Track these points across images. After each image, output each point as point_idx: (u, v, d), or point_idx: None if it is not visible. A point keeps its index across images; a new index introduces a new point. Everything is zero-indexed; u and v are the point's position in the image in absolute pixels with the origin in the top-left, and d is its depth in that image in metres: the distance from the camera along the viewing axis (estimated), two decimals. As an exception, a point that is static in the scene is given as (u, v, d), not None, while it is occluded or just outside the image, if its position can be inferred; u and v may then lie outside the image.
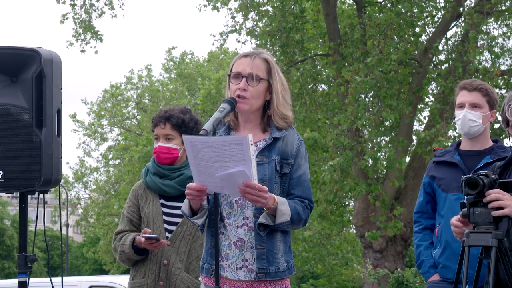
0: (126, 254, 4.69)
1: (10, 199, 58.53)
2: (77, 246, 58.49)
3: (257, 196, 3.56)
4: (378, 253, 18.87)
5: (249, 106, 3.77)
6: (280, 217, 3.66)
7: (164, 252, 4.67)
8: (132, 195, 4.84)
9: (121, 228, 4.81)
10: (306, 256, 29.41)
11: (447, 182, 4.66)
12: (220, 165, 3.49)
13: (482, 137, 4.71)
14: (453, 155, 4.71)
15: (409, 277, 16.25)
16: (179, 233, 4.69)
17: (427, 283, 4.76)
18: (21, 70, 4.69)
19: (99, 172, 36.93)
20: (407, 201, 18.47)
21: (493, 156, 4.59)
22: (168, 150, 4.75)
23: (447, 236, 4.61)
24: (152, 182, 4.76)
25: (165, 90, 38.07)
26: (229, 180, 3.53)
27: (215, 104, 19.59)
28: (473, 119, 4.65)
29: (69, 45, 20.69)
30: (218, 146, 3.47)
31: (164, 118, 4.74)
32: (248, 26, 19.25)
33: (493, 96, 4.71)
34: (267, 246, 3.72)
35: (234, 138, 3.55)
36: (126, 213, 4.82)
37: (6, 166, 4.65)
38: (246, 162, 3.47)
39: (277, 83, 3.81)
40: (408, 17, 17.23)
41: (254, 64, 3.78)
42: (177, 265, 4.66)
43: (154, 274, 4.68)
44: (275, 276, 3.73)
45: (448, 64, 17.43)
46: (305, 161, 3.85)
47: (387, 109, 16.57)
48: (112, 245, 4.83)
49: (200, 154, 3.50)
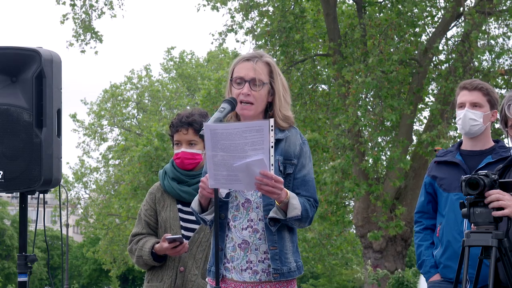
0: (145, 260, 4.66)
1: (10, 199, 58.56)
2: (77, 246, 58.49)
3: (273, 187, 3.55)
4: (378, 253, 18.88)
5: (253, 111, 3.77)
6: (292, 211, 3.66)
7: (181, 259, 4.65)
8: (150, 198, 4.78)
9: (138, 230, 4.76)
10: (306, 256, 29.40)
11: (449, 182, 4.66)
12: (239, 154, 3.47)
13: (483, 137, 4.70)
14: (455, 155, 4.71)
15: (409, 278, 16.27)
16: (196, 240, 4.67)
17: (428, 283, 4.76)
18: (21, 70, 4.68)
19: (99, 172, 36.94)
20: (407, 201, 18.47)
21: (495, 156, 4.59)
22: (192, 156, 4.69)
23: (449, 236, 4.62)
24: (170, 187, 4.71)
25: (165, 90, 38.08)
26: (246, 171, 3.51)
27: (215, 104, 19.60)
28: (474, 118, 4.65)
29: (69, 45, 20.70)
30: (238, 133, 3.45)
31: (187, 123, 4.66)
32: (247, 26, 19.25)
33: (493, 96, 4.70)
34: (279, 246, 3.74)
35: (256, 123, 3.50)
36: (144, 216, 4.76)
37: (6, 166, 4.64)
38: (265, 150, 3.45)
39: (279, 85, 3.81)
40: (408, 17, 17.23)
41: (257, 68, 3.77)
42: (194, 271, 4.64)
43: (170, 280, 4.65)
44: (288, 276, 3.75)
45: (448, 64, 17.43)
46: (309, 160, 3.85)
47: (388, 109, 16.57)
48: (128, 247, 4.79)
49: (220, 143, 3.48)
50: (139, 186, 27.58)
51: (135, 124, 37.42)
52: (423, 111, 20.94)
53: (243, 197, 3.76)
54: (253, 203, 3.75)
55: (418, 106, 19.19)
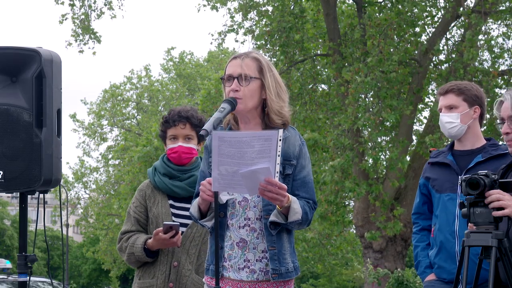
0: (137, 257, 4.65)
1: (10, 199, 58.54)
2: (77, 246, 58.48)
3: (277, 194, 3.56)
4: (378, 253, 18.87)
5: (243, 105, 3.77)
6: (293, 215, 3.67)
7: (174, 254, 4.65)
8: (140, 195, 4.77)
9: (128, 228, 4.74)
10: (306, 256, 29.40)
11: (441, 183, 4.68)
12: (245, 162, 3.48)
13: (471, 136, 4.69)
14: (446, 155, 4.72)
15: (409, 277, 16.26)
16: (189, 235, 4.67)
17: (423, 283, 4.79)
18: (21, 70, 4.68)
19: (99, 172, 36.96)
20: (407, 201, 18.46)
21: (484, 155, 4.58)
22: (189, 150, 4.71)
23: (441, 236, 4.64)
24: (161, 182, 4.72)
25: (165, 90, 38.08)
26: (251, 177, 3.51)
27: (215, 104, 19.58)
28: (450, 120, 4.66)
29: (68, 45, 20.69)
30: (247, 141, 3.46)
31: (185, 118, 4.69)
32: (246, 26, 19.25)
33: (470, 93, 4.68)
34: (277, 247, 3.74)
35: (265, 133, 3.52)
36: (133, 213, 4.75)
37: (6, 166, 4.64)
38: (271, 158, 3.46)
39: (269, 80, 3.81)
40: (408, 17, 17.23)
41: (244, 64, 3.79)
42: (187, 266, 4.64)
43: (164, 275, 4.65)
44: (286, 276, 3.75)
45: (448, 65, 17.43)
46: (308, 162, 3.86)
47: (387, 109, 16.56)
48: (118, 245, 4.78)
49: (227, 150, 3.49)
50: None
51: (135, 124, 37.42)
52: (423, 111, 20.95)
53: (240, 196, 3.76)
54: (250, 202, 3.75)
55: (418, 106, 19.19)
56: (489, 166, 4.43)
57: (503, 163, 4.32)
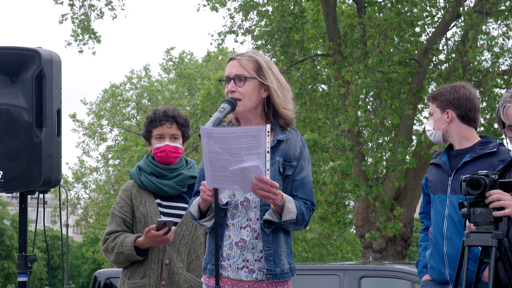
0: (126, 256, 4.62)
1: (10, 199, 58.53)
2: (77, 246, 58.49)
3: (268, 192, 3.56)
4: (378, 253, 18.86)
5: (242, 106, 3.78)
6: (287, 214, 3.68)
7: (165, 252, 4.65)
8: (125, 195, 4.75)
9: (113, 228, 4.71)
10: (306, 256, 29.40)
11: (435, 184, 4.71)
12: (234, 158, 3.48)
13: (457, 138, 4.68)
14: (442, 156, 4.74)
15: (409, 277, 16.23)
16: (179, 233, 4.68)
17: (421, 282, 4.82)
18: (21, 70, 4.68)
19: (99, 172, 36.92)
20: (407, 201, 18.45)
21: (472, 155, 4.57)
22: (175, 150, 4.73)
23: (432, 237, 4.67)
24: (148, 181, 4.72)
25: (165, 91, 38.05)
26: (242, 175, 3.52)
27: (215, 104, 19.57)
28: (428, 128, 4.74)
29: (68, 45, 20.66)
30: (235, 137, 3.46)
31: (171, 117, 4.71)
32: (246, 26, 19.23)
33: (441, 98, 4.68)
34: (273, 247, 3.74)
35: (252, 128, 3.52)
36: (118, 213, 4.72)
37: (6, 166, 4.64)
38: (260, 155, 3.47)
39: (270, 79, 3.80)
40: (408, 17, 17.22)
41: (239, 64, 3.80)
42: (179, 264, 4.65)
43: (156, 274, 4.64)
44: (280, 277, 3.76)
45: (448, 64, 17.43)
46: (308, 163, 3.86)
47: (389, 110, 16.55)
48: (103, 246, 4.73)
49: (216, 146, 3.49)
50: (138, 186, 27.54)
51: (134, 124, 37.40)
52: (423, 111, 20.94)
53: (242, 196, 3.77)
54: (252, 203, 3.76)
55: (418, 107, 19.18)
56: (477, 165, 4.44)
57: (491, 162, 4.36)
